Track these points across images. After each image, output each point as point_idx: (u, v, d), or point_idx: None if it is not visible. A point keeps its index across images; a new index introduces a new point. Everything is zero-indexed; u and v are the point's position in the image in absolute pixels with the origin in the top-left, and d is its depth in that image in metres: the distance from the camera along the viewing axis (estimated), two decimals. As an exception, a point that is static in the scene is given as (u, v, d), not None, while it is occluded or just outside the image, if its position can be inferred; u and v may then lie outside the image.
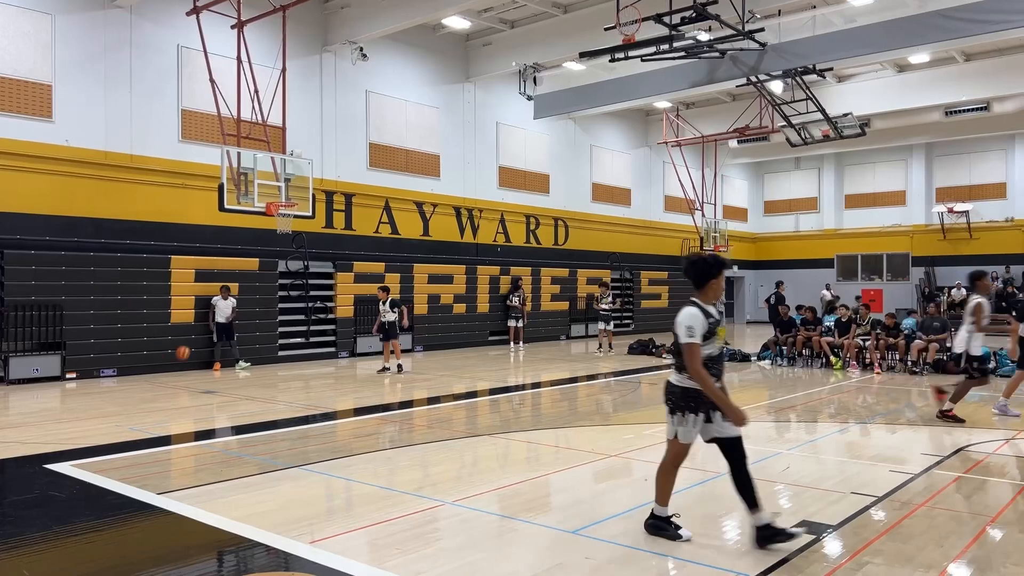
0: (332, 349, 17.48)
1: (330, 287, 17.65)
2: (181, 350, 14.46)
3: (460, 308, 20.35)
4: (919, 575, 4.28)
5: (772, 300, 20.61)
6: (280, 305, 16.60)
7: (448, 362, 16.32)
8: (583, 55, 16.50)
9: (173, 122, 15.50)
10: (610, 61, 16.80)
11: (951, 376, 13.71)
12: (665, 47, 15.39)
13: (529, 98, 21.62)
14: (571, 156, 25.11)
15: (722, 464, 4.95)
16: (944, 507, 5.61)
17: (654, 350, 18.02)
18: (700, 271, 4.81)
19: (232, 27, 13.98)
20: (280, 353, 16.45)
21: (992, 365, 13.98)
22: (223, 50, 14.55)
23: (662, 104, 25.04)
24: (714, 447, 4.96)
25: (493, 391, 12.05)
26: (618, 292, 25.32)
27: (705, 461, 7.36)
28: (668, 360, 16.86)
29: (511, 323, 20.88)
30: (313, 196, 14.29)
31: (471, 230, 21.49)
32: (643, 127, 28.12)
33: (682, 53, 16.64)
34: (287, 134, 14.56)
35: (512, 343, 20.71)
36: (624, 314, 25.77)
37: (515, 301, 20.90)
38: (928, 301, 25.04)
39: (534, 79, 21.29)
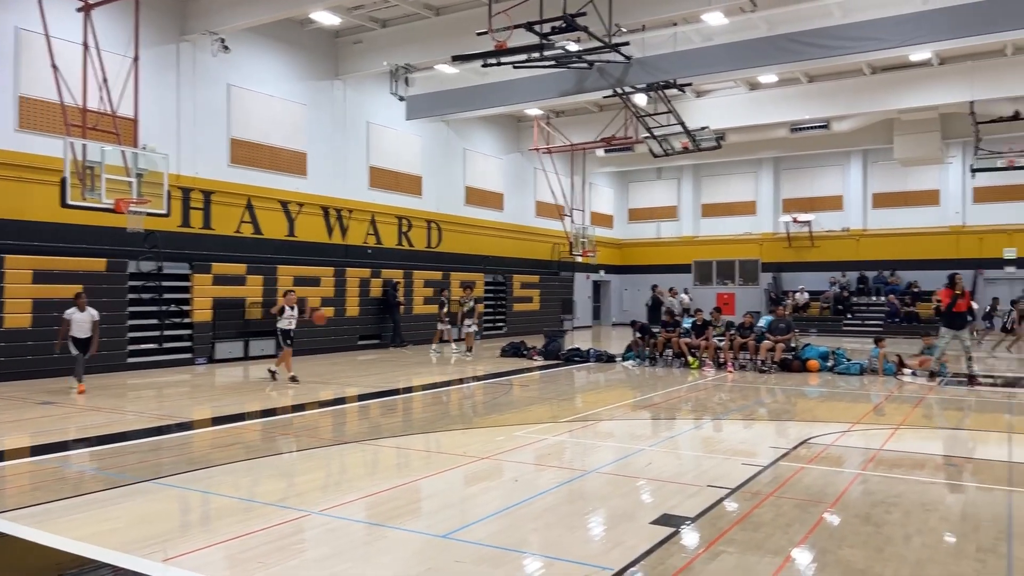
0: (188, 355, 16.53)
1: (186, 289, 16.69)
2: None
3: (328, 312, 19.79)
4: (767, 560, 4.56)
5: (650, 303, 21.33)
6: (130, 308, 15.50)
7: (314, 368, 15.86)
8: (456, 59, 16.52)
9: (9, 109, 14.19)
10: (483, 66, 16.92)
11: (794, 374, 14.78)
12: (536, 55, 15.66)
13: (401, 99, 21.43)
14: (444, 159, 25.08)
15: (589, 462, 5.06)
16: (789, 496, 6.02)
17: (525, 352, 18.29)
18: None
19: (78, 10, 12.96)
20: (130, 360, 15.36)
21: (830, 364, 15.19)
22: (69, 35, 13.47)
23: (533, 111, 25.51)
24: (581, 445, 5.06)
25: (362, 397, 11.81)
26: (490, 296, 25.55)
27: (572, 459, 7.55)
28: (539, 362, 17.17)
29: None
30: (168, 193, 13.44)
31: (340, 231, 20.99)
32: (515, 133, 28.52)
33: (552, 62, 17.00)
34: (140, 127, 13.61)
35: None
36: (496, 317, 26.01)
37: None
38: (775, 304, 26.84)
39: (406, 80, 21.14)
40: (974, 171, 24.39)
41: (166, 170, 13.47)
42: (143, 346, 15.80)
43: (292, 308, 13.55)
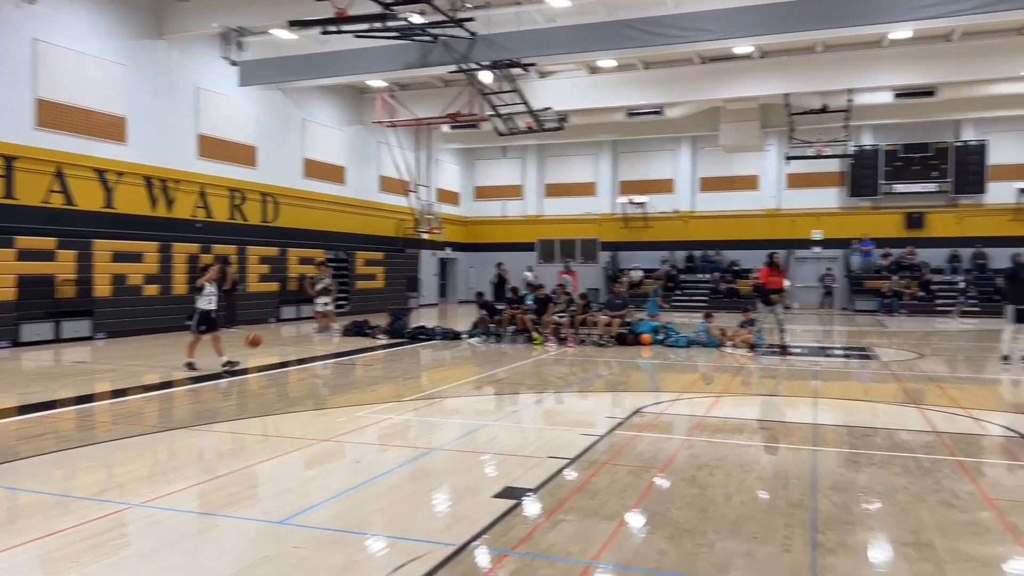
0: (-11, 338, 14.87)
1: (-14, 265, 14.96)
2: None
3: (152, 290, 18.45)
4: (603, 526, 4.75)
5: (495, 281, 21.47)
6: (-85, 287, 13.69)
7: (137, 350, 14.75)
8: (293, 24, 15.81)
9: None
10: (322, 33, 16.29)
11: (629, 347, 15.50)
12: (378, 25, 15.28)
13: (234, 63, 20.22)
14: (281, 129, 23.98)
15: (434, 439, 5.04)
16: (624, 463, 6.31)
17: (369, 331, 17.96)
18: None
19: None
20: (-84, 345, 13.60)
21: (661, 337, 16.10)
22: None
23: (377, 83, 24.91)
24: (426, 423, 5.02)
25: (194, 380, 11.12)
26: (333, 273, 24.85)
27: (416, 438, 7.51)
28: (383, 341, 16.93)
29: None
30: (-40, 156, 11.94)
31: (165, 203, 19.53)
32: (357, 104, 27.74)
33: (396, 34, 16.67)
34: (-78, 79, 11.96)
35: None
36: (338, 296, 25.33)
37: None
38: (613, 282, 28.09)
39: (239, 44, 19.97)
40: (788, 159, 26.57)
41: (-44, 130, 11.93)
42: (-69, 329, 14.02)
43: (212, 284, 12.07)
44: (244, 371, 11.86)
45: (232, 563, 4.17)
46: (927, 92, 23.83)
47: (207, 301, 12.02)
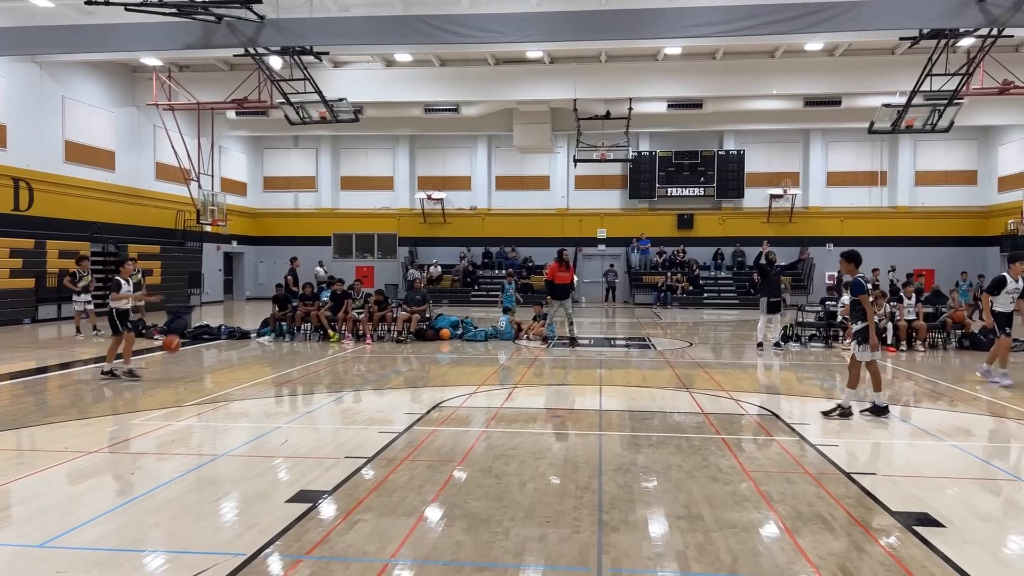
0: None
1: None
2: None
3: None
4: (402, 523, 4.73)
5: (289, 276, 20.43)
6: None
7: None
8: (51, -11, 14.08)
9: None
10: (86, 3, 14.71)
11: (428, 343, 15.58)
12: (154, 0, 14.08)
13: (-24, 29, 17.68)
14: (36, 107, 21.33)
15: (220, 446, 4.74)
16: (422, 459, 6.32)
17: (144, 331, 16.48)
18: None
19: None
20: None
21: (460, 332, 16.34)
22: None
23: (152, 62, 22.91)
24: (211, 428, 4.71)
25: (-76, 391, 9.57)
26: (98, 268, 22.54)
27: (200, 445, 7.02)
28: (159, 340, 15.62)
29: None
30: None
31: None
32: (130, 84, 25.37)
33: (174, 10, 15.45)
34: None
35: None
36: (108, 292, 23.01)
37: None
38: (412, 278, 28.04)
39: (-17, 7, 17.50)
40: (576, 161, 28.01)
41: None
42: None
43: (128, 282, 10.87)
44: (-9, 379, 10.40)
45: (-24, 600, 3.65)
46: (696, 104, 26.23)
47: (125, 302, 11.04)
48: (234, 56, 20.08)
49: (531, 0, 17.85)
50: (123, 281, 10.96)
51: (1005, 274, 10.81)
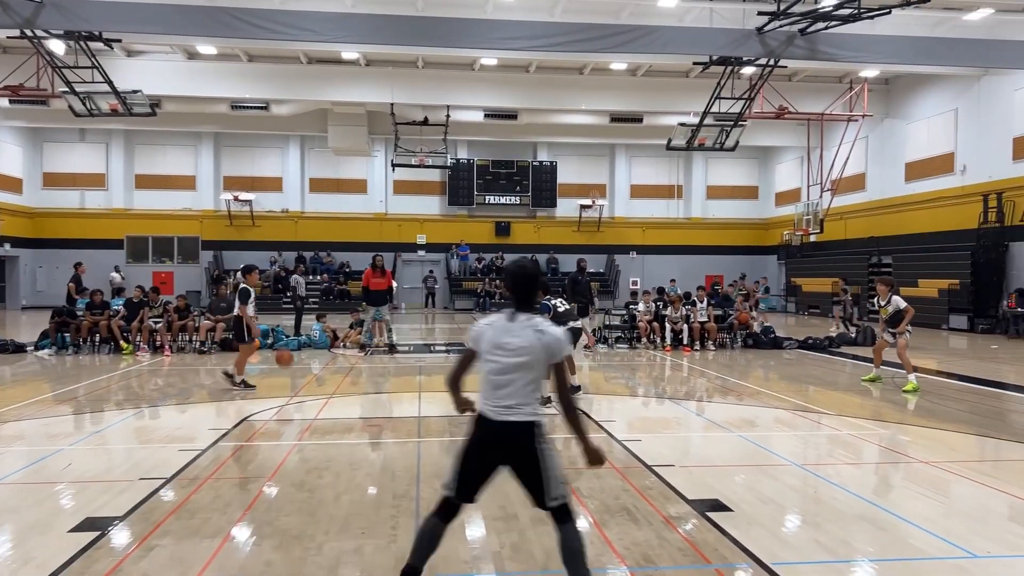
0: None
1: None
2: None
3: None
4: (205, 544, 4.42)
5: (73, 283, 18.37)
6: None
7: None
8: None
9: None
10: None
11: (235, 353, 14.73)
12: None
13: None
14: None
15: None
16: (228, 476, 5.96)
17: None
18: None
19: None
20: None
21: (271, 341, 15.63)
22: None
23: (-99, 37, 19.88)
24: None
25: None
26: None
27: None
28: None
29: None
30: None
31: None
32: None
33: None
34: None
35: None
36: None
37: None
38: (216, 283, 26.41)
39: None
40: (394, 166, 27.74)
41: None
42: None
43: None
44: None
45: None
46: (511, 115, 26.93)
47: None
48: (8, 38, 17.92)
49: (346, 1, 17.49)
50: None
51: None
